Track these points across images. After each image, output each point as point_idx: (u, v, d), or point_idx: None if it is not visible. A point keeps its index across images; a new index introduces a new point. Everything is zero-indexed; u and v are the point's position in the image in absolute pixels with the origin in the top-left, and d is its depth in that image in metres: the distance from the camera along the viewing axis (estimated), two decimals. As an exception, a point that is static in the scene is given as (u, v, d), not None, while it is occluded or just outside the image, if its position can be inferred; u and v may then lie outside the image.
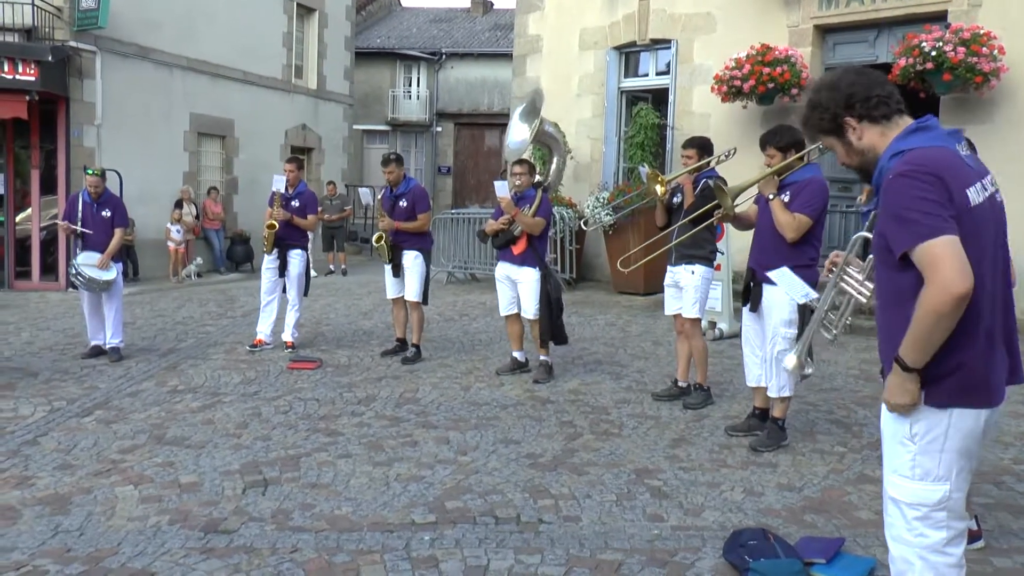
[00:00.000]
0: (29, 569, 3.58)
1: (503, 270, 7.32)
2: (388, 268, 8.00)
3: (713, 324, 9.35)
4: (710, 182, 5.82)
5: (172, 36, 15.48)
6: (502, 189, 7.17)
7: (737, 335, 9.19)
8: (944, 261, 2.26)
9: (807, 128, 2.73)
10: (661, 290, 11.71)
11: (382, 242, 7.87)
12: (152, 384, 6.95)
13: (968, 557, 3.65)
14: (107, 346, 7.97)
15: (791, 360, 3.13)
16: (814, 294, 4.64)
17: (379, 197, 8.13)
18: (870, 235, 2.72)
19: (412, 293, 7.89)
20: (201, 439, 5.43)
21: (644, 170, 6.59)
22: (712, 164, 6.15)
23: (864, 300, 2.80)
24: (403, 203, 7.86)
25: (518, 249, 7.14)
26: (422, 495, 4.47)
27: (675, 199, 6.31)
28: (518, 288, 7.22)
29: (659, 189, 6.12)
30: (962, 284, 2.25)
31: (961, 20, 9.79)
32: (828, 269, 2.91)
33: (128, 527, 4.03)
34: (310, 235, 8.68)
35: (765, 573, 3.43)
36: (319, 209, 16.65)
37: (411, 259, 7.87)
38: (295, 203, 8.36)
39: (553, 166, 12.45)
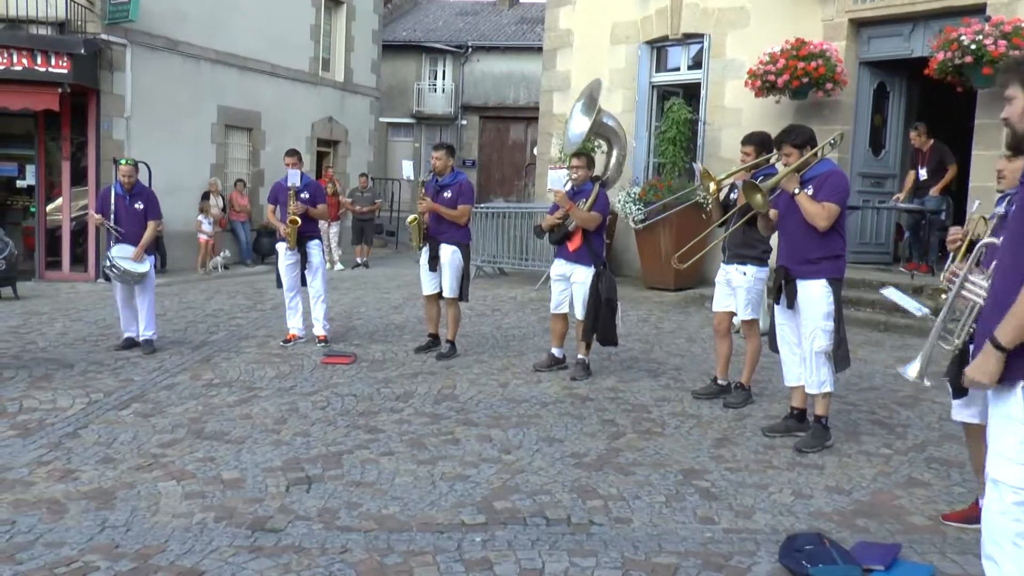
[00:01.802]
0: (80, 565, 3.55)
1: (558, 268, 7.20)
2: (424, 263, 7.83)
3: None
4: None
5: (201, 29, 15.50)
6: (556, 182, 7.05)
7: (764, 333, 9.13)
8: None
9: (1013, 72, 2.58)
10: (691, 286, 11.89)
11: (415, 223, 7.76)
12: (187, 377, 6.94)
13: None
14: (140, 338, 7.98)
15: (914, 369, 3.10)
16: (926, 309, 4.71)
17: (422, 180, 8.00)
18: (995, 241, 2.68)
19: (448, 289, 7.75)
20: (240, 434, 5.40)
21: (697, 167, 6.50)
22: (772, 161, 6.02)
23: (982, 303, 2.76)
24: (447, 194, 7.69)
25: (573, 245, 7.02)
26: (469, 495, 4.42)
27: (732, 196, 6.23)
28: (572, 286, 7.10)
29: (711, 187, 6.04)
30: None
31: (1001, 13, 9.61)
32: (950, 277, 2.90)
33: (174, 523, 4.00)
34: (343, 229, 8.65)
35: (826, 580, 3.35)
36: (349, 200, 16.84)
37: (448, 254, 7.68)
38: (304, 195, 8.31)
39: (612, 159, 12.33)
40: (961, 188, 10.38)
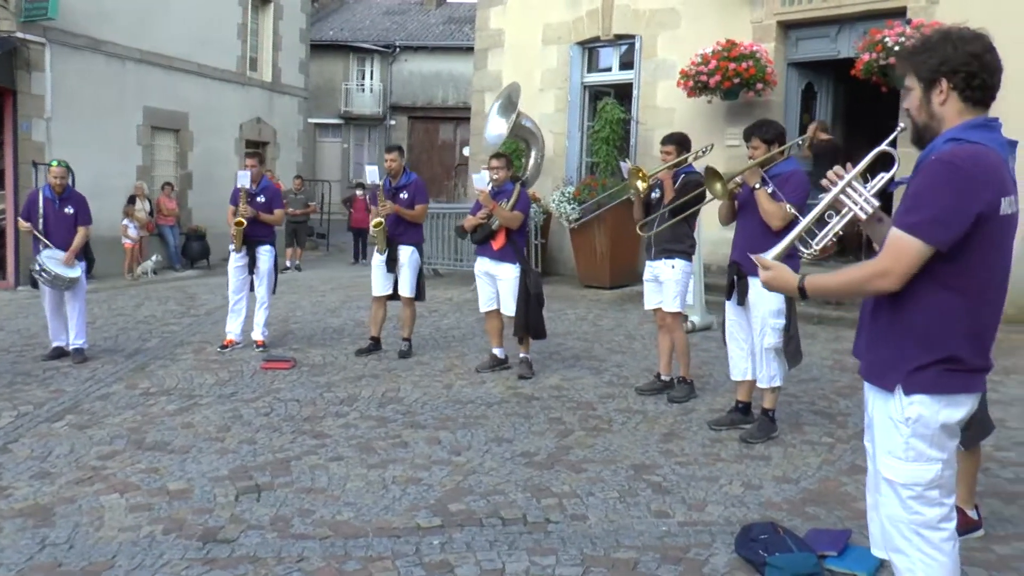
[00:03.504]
0: (22, 586, 3.42)
1: (482, 266, 7.26)
2: (380, 264, 7.83)
3: (685, 317, 9.37)
4: (693, 176, 5.88)
5: (125, 28, 15.04)
6: (480, 182, 7.09)
7: (709, 328, 9.29)
8: (903, 260, 2.39)
9: (908, 61, 2.58)
10: (627, 284, 12.01)
11: (381, 227, 7.73)
12: (122, 387, 6.73)
13: (970, 545, 3.73)
14: (70, 347, 7.71)
15: (771, 253, 2.78)
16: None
17: (380, 185, 7.97)
18: (890, 149, 2.70)
19: (407, 289, 7.81)
20: (184, 443, 5.26)
21: (625, 166, 6.58)
22: (690, 160, 6.18)
23: (864, 217, 2.68)
24: (404, 195, 7.75)
25: (497, 244, 7.07)
26: (423, 497, 4.39)
27: (654, 194, 6.32)
28: (498, 284, 7.16)
29: (640, 185, 6.11)
30: (892, 286, 2.42)
31: (920, 16, 9.93)
32: (831, 180, 2.75)
33: (120, 538, 3.88)
34: (276, 230, 8.50)
35: (783, 567, 3.42)
36: (284, 203, 16.55)
37: (407, 254, 7.78)
38: (260, 198, 8.18)
39: (531, 160, 12.38)
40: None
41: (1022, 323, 8.45)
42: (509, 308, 7.09)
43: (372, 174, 7.88)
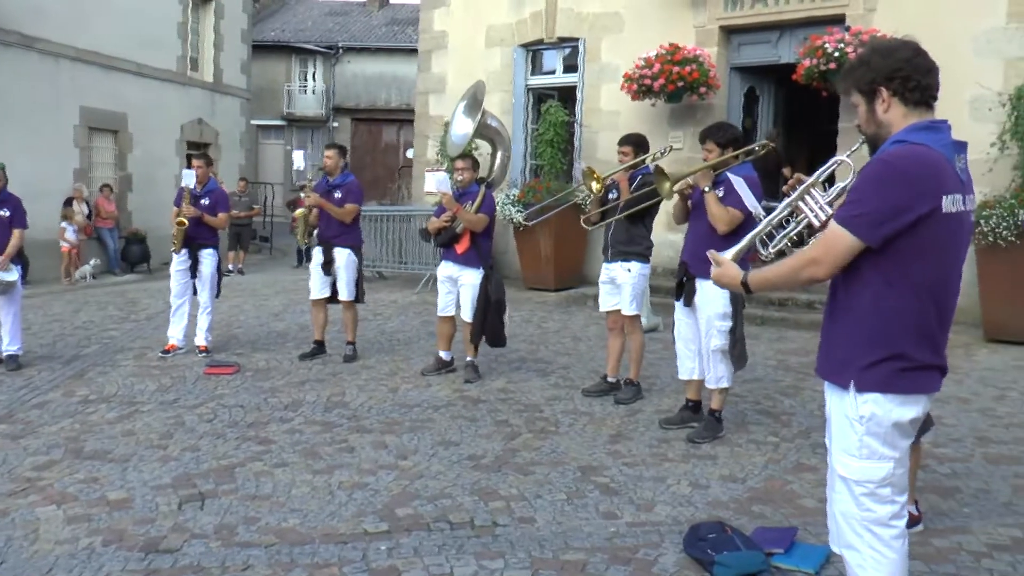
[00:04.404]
0: (-47, 602, 3.31)
1: (445, 270, 7.17)
2: (317, 267, 7.78)
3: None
4: (650, 177, 5.91)
5: (60, 25, 14.65)
6: (442, 184, 7.02)
7: (655, 329, 9.37)
8: (832, 251, 2.50)
9: (847, 79, 2.68)
10: (572, 286, 12.06)
11: (303, 216, 7.68)
12: (59, 394, 6.56)
13: (910, 540, 3.81)
14: (4, 354, 7.49)
15: (729, 254, 2.89)
16: (763, 213, 4.61)
17: (312, 180, 7.90)
18: (848, 160, 2.78)
19: (346, 292, 7.73)
20: (124, 452, 5.14)
21: (580, 166, 6.61)
22: (648, 161, 6.19)
23: (818, 224, 2.76)
24: (337, 194, 7.68)
25: (461, 248, 6.99)
26: (369, 503, 4.35)
27: (610, 195, 6.35)
28: (459, 288, 7.08)
29: (595, 186, 6.14)
30: (822, 275, 2.56)
31: (858, 23, 10.16)
32: (791, 186, 2.86)
33: (57, 551, 3.77)
34: (220, 234, 8.37)
35: (731, 566, 3.46)
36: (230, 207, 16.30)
37: (344, 257, 7.69)
38: (205, 200, 8.04)
39: (497, 160, 12.34)
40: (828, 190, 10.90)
41: (954, 322, 8.69)
42: (467, 313, 7.00)
43: (298, 158, 7.88)
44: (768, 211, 3.02)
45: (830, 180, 2.85)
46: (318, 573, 3.55)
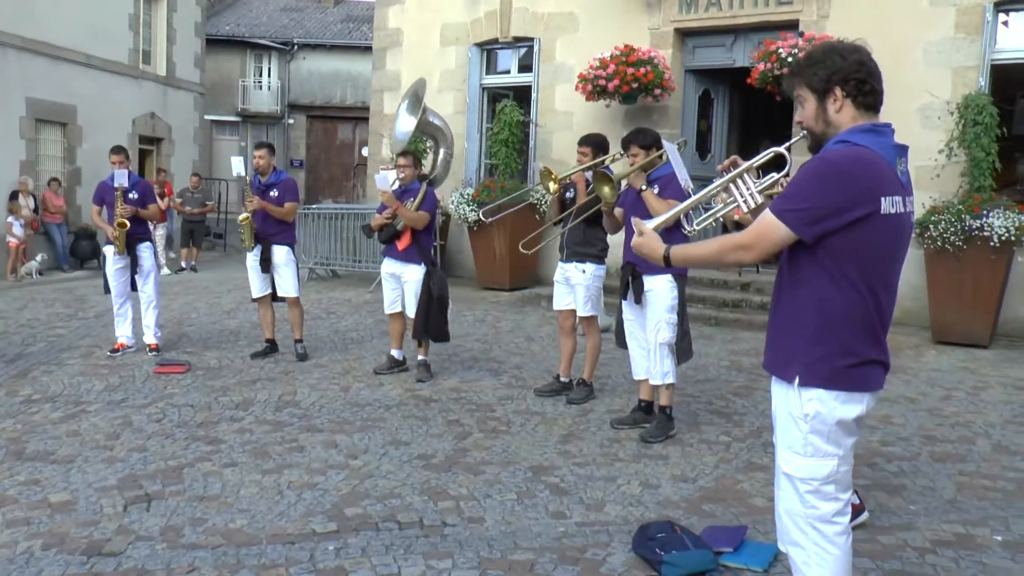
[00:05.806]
0: None
1: (388, 267, 7.18)
2: (255, 266, 7.74)
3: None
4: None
5: (5, 13, 14.30)
6: (382, 182, 7.02)
7: (608, 329, 9.40)
8: (765, 240, 2.56)
9: (797, 75, 2.69)
10: (526, 285, 12.08)
11: (248, 222, 7.62)
12: (1, 394, 6.42)
13: (856, 537, 3.87)
14: (-55, 352, 7.33)
15: (652, 223, 2.90)
16: (691, 185, 4.71)
17: (248, 180, 7.84)
18: (785, 152, 2.82)
19: (290, 289, 7.74)
20: (68, 453, 5.05)
21: (537, 167, 6.65)
22: (607, 162, 6.23)
23: (746, 210, 2.80)
24: (273, 193, 7.67)
25: (402, 245, 7.01)
26: (318, 503, 4.32)
27: (568, 195, 6.39)
28: (403, 285, 7.10)
29: (552, 186, 6.18)
30: (750, 260, 2.64)
31: (812, 29, 10.32)
32: (725, 167, 2.88)
33: (-5, 554, 3.70)
34: (151, 225, 8.22)
35: (680, 565, 3.49)
36: (179, 201, 16.06)
37: (283, 255, 7.69)
38: (133, 195, 7.91)
39: (440, 158, 12.31)
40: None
41: (903, 324, 8.89)
42: (412, 310, 7.04)
43: (237, 165, 7.81)
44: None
45: (764, 169, 2.88)
46: (265, 574, 3.52)
